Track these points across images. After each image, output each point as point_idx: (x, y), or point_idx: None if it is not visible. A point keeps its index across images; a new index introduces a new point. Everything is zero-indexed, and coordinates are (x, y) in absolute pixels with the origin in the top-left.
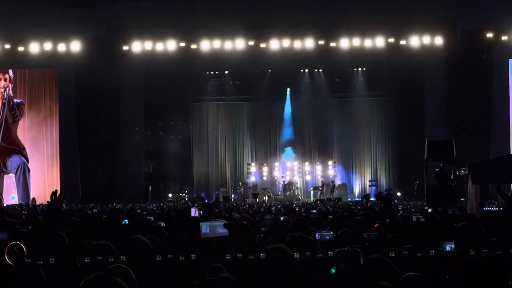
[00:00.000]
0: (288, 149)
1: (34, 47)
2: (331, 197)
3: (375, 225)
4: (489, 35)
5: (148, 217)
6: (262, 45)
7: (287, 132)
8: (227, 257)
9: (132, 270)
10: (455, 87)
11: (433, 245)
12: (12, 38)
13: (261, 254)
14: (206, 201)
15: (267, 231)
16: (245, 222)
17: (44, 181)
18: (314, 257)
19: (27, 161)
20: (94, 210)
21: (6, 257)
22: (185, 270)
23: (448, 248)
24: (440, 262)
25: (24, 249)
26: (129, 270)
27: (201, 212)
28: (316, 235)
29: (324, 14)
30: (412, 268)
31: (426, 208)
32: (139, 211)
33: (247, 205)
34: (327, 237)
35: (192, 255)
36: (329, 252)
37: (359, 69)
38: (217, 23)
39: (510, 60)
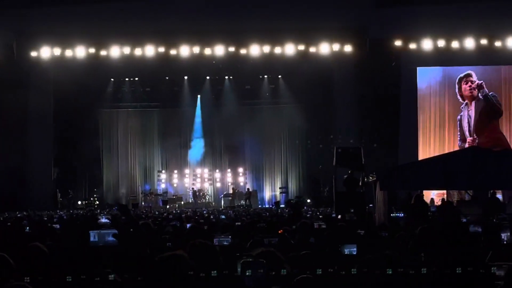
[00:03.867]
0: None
1: None
2: (245, 204)
3: (279, 232)
4: (398, 43)
5: (54, 225)
6: (173, 52)
7: (198, 139)
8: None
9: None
10: (364, 95)
11: (332, 249)
12: None
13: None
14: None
15: (170, 238)
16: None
17: None
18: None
19: None
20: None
21: None
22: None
23: (347, 251)
24: (341, 264)
25: None
26: None
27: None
28: (215, 240)
29: (234, 21)
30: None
31: (333, 214)
32: (45, 218)
33: (156, 212)
34: (225, 243)
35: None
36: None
37: (270, 76)
38: (127, 30)
39: (418, 68)
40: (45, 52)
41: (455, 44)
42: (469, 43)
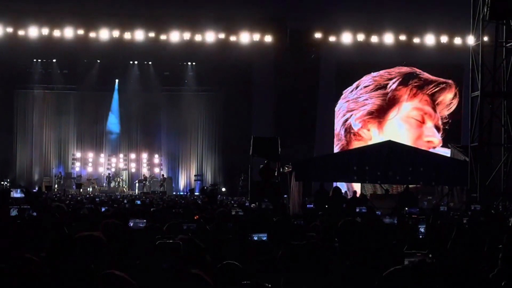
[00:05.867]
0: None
1: None
2: (159, 190)
3: (195, 218)
4: (318, 35)
5: None
6: (92, 35)
7: (114, 123)
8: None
9: None
10: (283, 85)
11: (248, 236)
12: None
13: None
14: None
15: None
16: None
17: None
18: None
19: None
20: None
21: None
22: None
23: (256, 238)
24: (255, 251)
25: None
26: None
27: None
28: (130, 223)
29: (154, 6)
30: (229, 257)
31: (247, 204)
32: None
33: (70, 196)
34: (141, 225)
35: None
36: None
37: (189, 63)
38: (45, 10)
39: (337, 61)
40: None
41: (374, 39)
42: (389, 38)
